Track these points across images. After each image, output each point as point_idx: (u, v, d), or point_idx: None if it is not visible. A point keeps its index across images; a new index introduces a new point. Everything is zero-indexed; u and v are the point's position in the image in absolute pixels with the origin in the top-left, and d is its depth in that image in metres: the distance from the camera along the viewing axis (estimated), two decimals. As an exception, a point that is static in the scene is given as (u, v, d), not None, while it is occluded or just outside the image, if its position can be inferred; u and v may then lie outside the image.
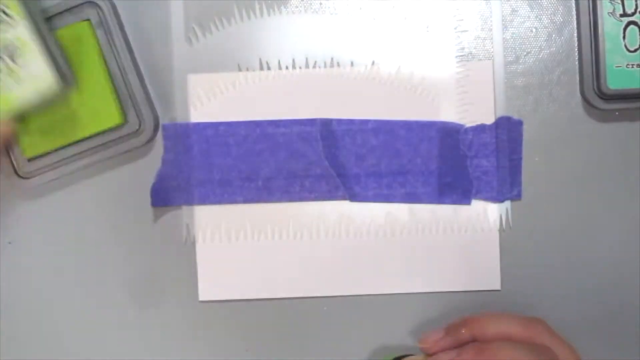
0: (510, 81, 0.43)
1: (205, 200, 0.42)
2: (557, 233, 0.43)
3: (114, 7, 0.41)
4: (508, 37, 0.43)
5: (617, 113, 0.42)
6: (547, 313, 0.42)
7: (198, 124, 0.42)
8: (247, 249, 0.43)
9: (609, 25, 0.41)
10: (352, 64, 0.43)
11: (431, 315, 0.43)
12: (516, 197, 0.42)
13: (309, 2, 0.43)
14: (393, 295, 0.43)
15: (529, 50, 0.43)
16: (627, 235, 0.43)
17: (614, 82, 0.41)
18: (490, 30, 0.43)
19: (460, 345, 0.36)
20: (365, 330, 0.43)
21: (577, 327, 0.43)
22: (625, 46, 0.41)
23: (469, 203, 0.42)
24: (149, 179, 0.42)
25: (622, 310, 0.43)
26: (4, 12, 0.37)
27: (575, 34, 0.42)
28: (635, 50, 0.41)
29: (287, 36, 0.43)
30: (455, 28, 0.43)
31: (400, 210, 0.42)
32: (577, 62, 0.42)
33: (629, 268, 0.43)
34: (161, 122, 0.43)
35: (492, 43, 0.43)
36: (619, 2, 0.41)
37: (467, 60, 0.43)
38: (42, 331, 0.43)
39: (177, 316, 0.43)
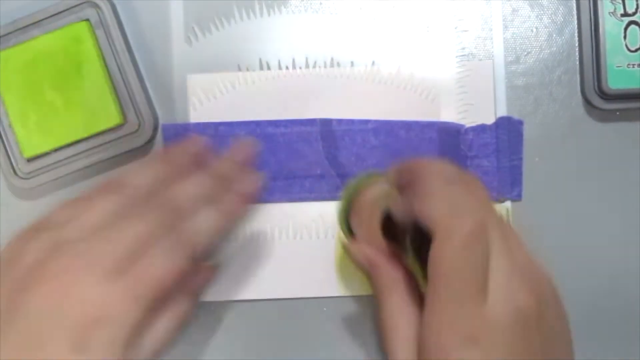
0: (510, 81, 0.43)
1: (205, 201, 0.42)
2: (558, 233, 0.43)
3: (113, 7, 0.41)
4: (508, 37, 0.43)
5: (617, 113, 0.42)
6: (547, 313, 0.42)
7: (198, 124, 0.42)
8: (246, 249, 0.43)
9: (610, 25, 0.41)
10: (352, 64, 0.42)
11: (431, 316, 0.43)
12: (516, 197, 0.42)
13: (309, 2, 0.43)
14: (393, 296, 0.42)
15: (529, 50, 0.43)
16: (627, 235, 0.43)
17: (614, 82, 0.41)
18: (491, 30, 0.43)
19: None
20: (365, 330, 0.43)
21: (578, 327, 0.42)
22: (626, 46, 0.41)
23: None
24: (149, 179, 0.42)
25: (622, 310, 0.43)
26: None
27: (576, 34, 0.42)
28: (636, 50, 0.41)
29: (287, 36, 0.43)
30: (455, 28, 0.43)
31: (400, 211, 0.42)
32: (577, 62, 0.42)
33: (629, 268, 0.43)
34: (161, 122, 0.42)
35: (492, 43, 0.43)
36: (620, 1, 0.41)
37: (468, 60, 0.42)
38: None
39: (177, 316, 0.43)
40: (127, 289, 0.32)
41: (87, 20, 0.41)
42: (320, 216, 0.43)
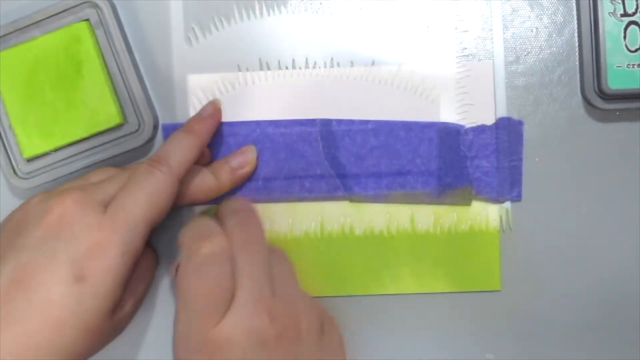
0: (510, 81, 0.43)
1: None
2: (558, 233, 0.43)
3: (113, 7, 0.41)
4: (508, 37, 0.43)
5: (617, 113, 0.42)
6: (547, 313, 0.42)
7: (198, 124, 0.42)
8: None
9: (610, 25, 0.41)
10: (352, 64, 0.42)
11: (431, 316, 0.43)
12: (516, 197, 0.42)
13: (309, 2, 0.43)
14: (393, 296, 0.43)
15: (529, 50, 0.43)
16: (627, 236, 0.43)
17: (614, 82, 0.41)
18: (491, 30, 0.43)
19: None
20: (365, 331, 0.43)
21: (577, 327, 0.43)
22: (626, 46, 0.41)
23: (469, 204, 0.42)
24: (149, 179, 0.42)
25: (622, 310, 0.43)
26: None
27: (576, 34, 0.42)
28: (636, 50, 0.41)
29: (287, 36, 0.43)
30: (455, 28, 0.43)
31: (400, 211, 0.42)
32: (577, 62, 0.42)
33: (629, 268, 0.43)
34: (161, 122, 0.42)
35: (492, 43, 0.43)
36: (620, 2, 0.41)
37: (468, 60, 0.42)
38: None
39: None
40: (114, 216, 0.35)
41: (87, 20, 0.41)
42: (320, 216, 0.43)
